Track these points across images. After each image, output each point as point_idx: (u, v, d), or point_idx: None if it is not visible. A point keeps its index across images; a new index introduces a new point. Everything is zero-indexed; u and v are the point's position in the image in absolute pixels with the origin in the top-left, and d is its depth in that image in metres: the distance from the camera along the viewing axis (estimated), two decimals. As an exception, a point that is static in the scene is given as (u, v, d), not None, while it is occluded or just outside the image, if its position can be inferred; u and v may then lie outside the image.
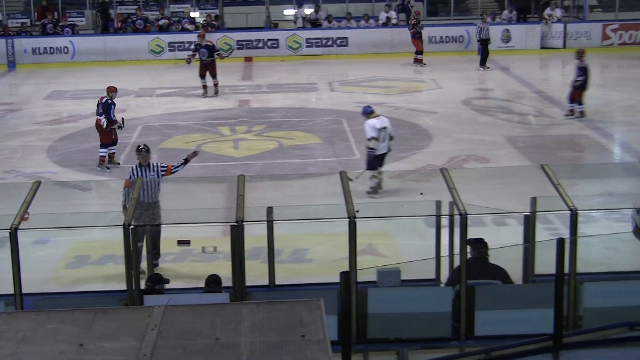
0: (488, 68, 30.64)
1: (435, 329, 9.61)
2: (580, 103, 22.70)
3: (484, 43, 30.94)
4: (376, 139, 16.51)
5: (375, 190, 16.15)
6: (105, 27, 35.15)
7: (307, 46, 33.78)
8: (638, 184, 13.08)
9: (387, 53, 33.84)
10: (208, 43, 26.46)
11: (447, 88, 27.52)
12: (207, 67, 26.20)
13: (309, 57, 33.13)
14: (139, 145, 13.69)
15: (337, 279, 7.58)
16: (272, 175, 17.83)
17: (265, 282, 10.37)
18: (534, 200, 10.50)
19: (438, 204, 10.56)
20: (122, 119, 18.19)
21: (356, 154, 19.63)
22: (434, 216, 10.73)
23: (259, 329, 5.59)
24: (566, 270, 8.39)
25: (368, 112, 16.97)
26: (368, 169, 16.63)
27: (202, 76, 26.30)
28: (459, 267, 10.00)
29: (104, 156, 18.30)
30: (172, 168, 13.31)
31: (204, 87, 26.46)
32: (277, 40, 33.89)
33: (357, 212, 9.44)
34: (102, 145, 18.36)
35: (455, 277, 10.08)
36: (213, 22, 34.37)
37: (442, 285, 10.64)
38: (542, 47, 34.44)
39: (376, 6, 36.71)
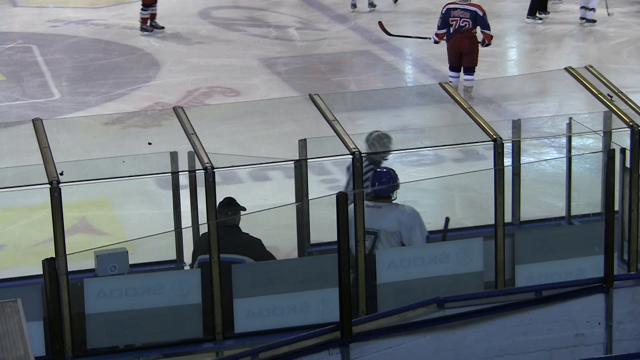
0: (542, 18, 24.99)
1: (182, 329, 9.66)
2: None
3: None
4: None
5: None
6: None
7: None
8: (438, 113, 13.43)
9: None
10: None
11: (176, -5, 27.42)
12: None
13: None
14: None
15: (40, 270, 7.51)
16: None
17: None
18: (303, 144, 10.63)
19: (173, 156, 10.58)
20: None
21: (55, 93, 19.39)
22: (168, 174, 10.76)
23: None
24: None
25: None
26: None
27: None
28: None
29: None
30: None
31: None
32: None
33: (61, 174, 9.31)
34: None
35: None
36: None
37: (186, 267, 10.70)
38: None
39: None
